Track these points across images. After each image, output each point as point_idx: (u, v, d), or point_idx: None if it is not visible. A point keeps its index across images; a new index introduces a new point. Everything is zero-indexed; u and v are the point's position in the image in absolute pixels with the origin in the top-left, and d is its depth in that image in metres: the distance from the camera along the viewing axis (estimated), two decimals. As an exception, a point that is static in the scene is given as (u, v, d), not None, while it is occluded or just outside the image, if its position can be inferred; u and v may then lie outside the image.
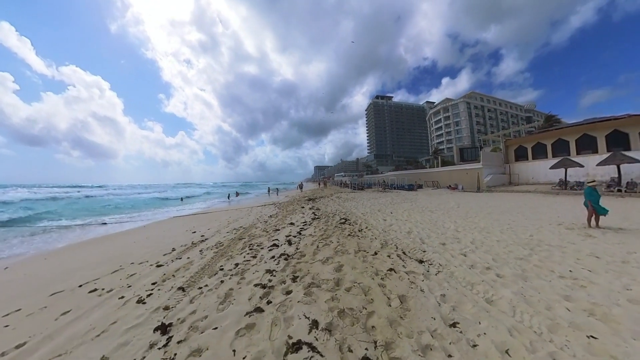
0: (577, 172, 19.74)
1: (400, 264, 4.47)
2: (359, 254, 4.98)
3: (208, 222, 11.55)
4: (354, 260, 4.63)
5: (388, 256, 4.86)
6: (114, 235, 11.01)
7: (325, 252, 5.09)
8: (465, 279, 3.73)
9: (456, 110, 75.31)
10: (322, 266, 4.35)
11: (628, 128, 18.68)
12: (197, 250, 6.27)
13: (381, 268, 4.23)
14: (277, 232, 7.57)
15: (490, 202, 13.93)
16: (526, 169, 26.58)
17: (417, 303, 3.11)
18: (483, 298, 3.16)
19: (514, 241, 5.67)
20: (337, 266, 4.30)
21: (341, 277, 3.86)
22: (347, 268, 4.24)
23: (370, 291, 3.43)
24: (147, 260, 5.98)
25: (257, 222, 9.79)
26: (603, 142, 20.07)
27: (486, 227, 7.30)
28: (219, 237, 7.56)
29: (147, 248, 7.44)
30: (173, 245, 7.24)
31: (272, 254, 5.19)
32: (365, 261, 4.57)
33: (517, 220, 8.11)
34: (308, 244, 5.77)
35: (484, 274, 3.87)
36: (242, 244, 6.37)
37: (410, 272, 4.10)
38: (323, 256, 4.84)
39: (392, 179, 35.61)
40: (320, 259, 4.67)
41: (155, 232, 10.78)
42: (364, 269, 4.21)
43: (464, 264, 4.37)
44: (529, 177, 26.10)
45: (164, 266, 5.31)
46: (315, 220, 8.90)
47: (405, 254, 5.04)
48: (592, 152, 20.54)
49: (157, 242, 8.28)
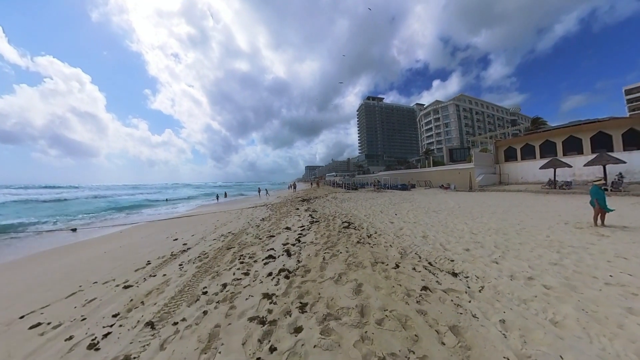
0: (564, 172, 20.19)
1: (432, 279, 3.66)
2: (378, 267, 4.11)
3: (193, 227, 10.37)
4: (374, 276, 3.75)
5: (413, 269, 4.03)
6: (84, 243, 9.65)
7: (335, 266, 4.18)
8: (514, 295, 3.14)
9: (446, 112, 76.37)
10: (335, 287, 3.44)
11: (611, 130, 19.25)
12: (176, 263, 5.19)
13: (411, 286, 3.39)
14: (271, 239, 6.59)
15: (488, 201, 13.64)
16: (515, 169, 27.06)
17: (476, 336, 2.35)
18: (547, 319, 2.63)
19: (536, 243, 5.31)
20: (355, 286, 3.40)
21: (365, 303, 2.97)
22: (369, 288, 3.35)
23: (409, 322, 2.58)
24: (114, 279, 4.87)
25: (247, 227, 8.74)
26: (588, 143, 20.64)
27: (499, 228, 6.85)
28: (203, 246, 6.49)
29: (117, 260, 6.27)
30: (149, 257, 6.12)
31: (268, 270, 4.22)
32: (388, 277, 3.71)
33: (525, 220, 7.78)
34: (311, 255, 4.84)
35: (530, 287, 3.37)
36: (231, 255, 5.34)
37: (449, 290, 3.32)
38: (334, 272, 3.93)
39: (386, 179, 35.15)
40: (330, 276, 3.75)
41: (131, 239, 9.51)
42: (390, 288, 3.35)
43: (502, 274, 3.78)
44: (518, 177, 26.61)
45: (133, 287, 4.23)
46: (314, 224, 7.96)
47: (432, 265, 4.26)
48: (577, 153, 21.12)
49: (130, 252, 7.10)
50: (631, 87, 62.11)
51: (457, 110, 74.69)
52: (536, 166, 22.48)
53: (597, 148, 19.42)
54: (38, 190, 57.99)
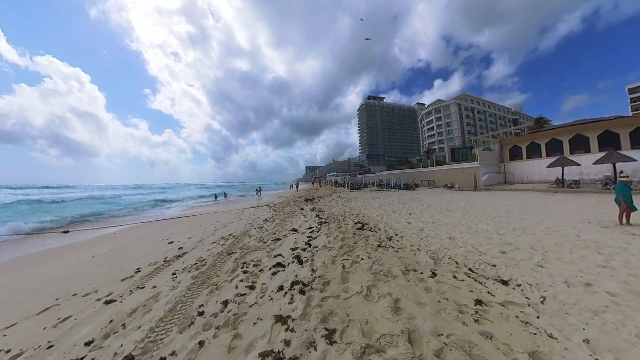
0: (571, 170, 19.73)
1: (481, 289, 3.01)
2: (411, 276, 3.41)
3: (190, 228, 9.65)
4: (411, 288, 3.05)
5: (454, 277, 3.35)
6: (73, 246, 8.92)
7: (359, 277, 3.47)
8: (581, 306, 2.67)
9: (447, 112, 75.68)
10: (366, 304, 2.73)
11: (618, 129, 18.95)
12: (169, 272, 4.48)
13: (461, 299, 2.73)
14: (277, 242, 5.88)
15: (498, 200, 13.01)
16: (521, 167, 26.56)
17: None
18: (634, 335, 2.20)
19: (570, 243, 4.87)
20: (391, 302, 2.70)
21: (411, 326, 2.27)
22: (410, 305, 2.66)
23: (476, 351, 1.93)
24: (96, 290, 4.17)
25: (250, 229, 8.02)
26: (595, 141, 20.29)
27: (524, 228, 6.33)
28: (201, 251, 5.77)
29: (104, 267, 5.56)
30: (139, 263, 5.41)
31: (278, 282, 3.51)
32: (428, 289, 3.02)
33: (545, 220, 7.26)
34: (328, 262, 4.12)
35: (593, 294, 2.94)
36: (232, 262, 4.62)
37: (508, 303, 2.70)
38: (359, 284, 3.22)
39: (389, 178, 34.46)
40: (357, 290, 3.04)
41: (123, 241, 8.78)
42: (436, 304, 2.67)
43: (555, 280, 3.28)
44: (523, 176, 26.15)
45: (115, 302, 3.52)
46: (323, 226, 7.24)
47: (473, 271, 3.59)
48: (584, 151, 20.71)
49: (120, 257, 6.39)
50: (635, 85, 61.55)
51: (459, 109, 74.05)
52: (542, 165, 22.14)
53: (604, 146, 19.19)
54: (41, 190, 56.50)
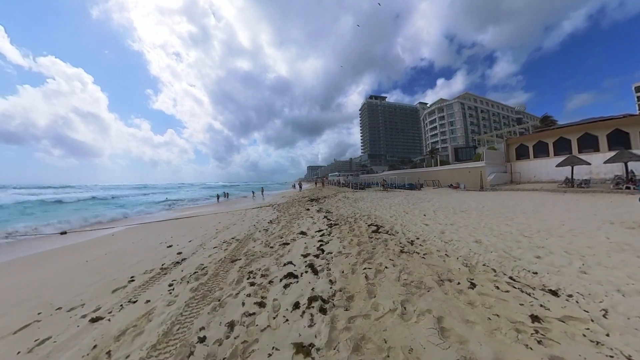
0: (580, 170, 19.29)
1: (531, 301, 2.54)
2: (447, 287, 2.90)
3: (191, 230, 9.15)
4: (452, 302, 2.53)
5: (496, 287, 2.86)
6: (69, 249, 8.46)
7: (388, 289, 2.93)
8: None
9: (451, 111, 74.85)
10: (405, 325, 2.21)
11: (629, 127, 18.60)
12: (165, 282, 3.96)
13: (513, 315, 2.27)
14: (286, 247, 5.35)
15: (508, 200, 12.44)
16: (528, 167, 25.98)
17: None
18: None
19: (605, 247, 4.46)
20: (434, 322, 2.17)
21: (467, 354, 1.79)
22: (457, 324, 2.15)
23: None
24: (83, 304, 3.67)
25: (254, 231, 7.50)
26: (604, 140, 19.86)
27: (548, 229, 5.91)
28: (202, 257, 5.25)
29: (96, 274, 5.07)
30: (134, 270, 4.91)
31: (292, 296, 2.98)
32: (471, 303, 2.52)
33: (566, 221, 6.81)
34: (347, 272, 3.59)
35: None
36: (236, 271, 4.09)
37: (567, 318, 2.27)
38: (390, 298, 2.69)
39: (393, 178, 33.89)
40: (389, 307, 2.52)
41: (120, 244, 8.31)
42: (486, 322, 2.19)
43: (609, 289, 2.88)
44: (530, 176, 25.60)
45: (103, 321, 3.02)
46: (333, 228, 6.71)
47: (515, 280, 3.10)
48: (593, 150, 20.30)
49: (115, 262, 5.90)
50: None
51: (462, 108, 73.23)
52: (549, 164, 21.75)
53: (614, 145, 18.80)
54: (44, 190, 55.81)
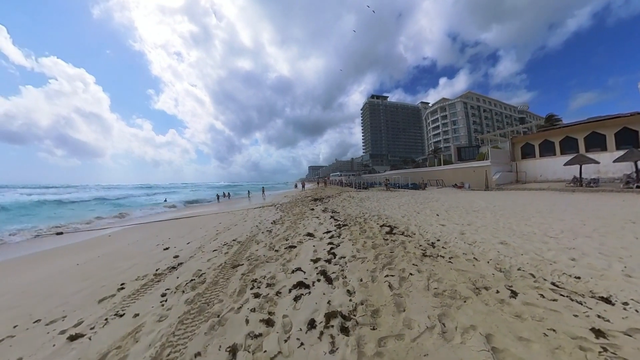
0: (588, 169, 18.91)
1: (587, 312, 2.09)
2: (486, 296, 2.46)
3: (190, 231, 8.70)
4: (496, 315, 2.08)
5: (541, 295, 2.52)
6: (62, 250, 8.03)
7: (418, 301, 2.45)
8: None
9: (453, 110, 74.22)
10: (449, 347, 1.74)
11: (637, 125, 18.21)
12: (158, 291, 3.50)
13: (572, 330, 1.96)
14: (292, 251, 4.88)
15: (518, 200, 11.99)
16: (534, 166, 25.44)
17: None
18: None
19: (638, 248, 4.08)
20: (482, 342, 1.70)
21: None
22: (510, 343, 1.73)
23: None
24: (65, 316, 3.22)
25: (257, 233, 7.03)
26: (612, 139, 19.47)
27: (572, 229, 5.56)
28: (200, 261, 4.78)
29: (85, 280, 4.62)
30: (125, 276, 4.46)
31: (306, 313, 2.50)
32: (519, 315, 2.13)
33: (586, 220, 6.46)
34: (366, 280, 3.10)
35: None
36: (238, 278, 3.60)
37: (634, 331, 1.89)
38: (423, 312, 2.20)
39: (396, 178, 33.36)
40: (425, 323, 2.04)
41: (116, 245, 7.86)
42: (543, 339, 1.81)
43: None
44: (536, 175, 25.00)
45: (83, 339, 2.56)
46: (343, 229, 6.22)
47: (558, 286, 2.75)
48: (601, 149, 19.93)
49: (107, 266, 5.45)
50: (648, 82, 59.68)
51: (465, 107, 72.61)
52: (556, 163, 21.49)
53: (622, 144, 18.40)
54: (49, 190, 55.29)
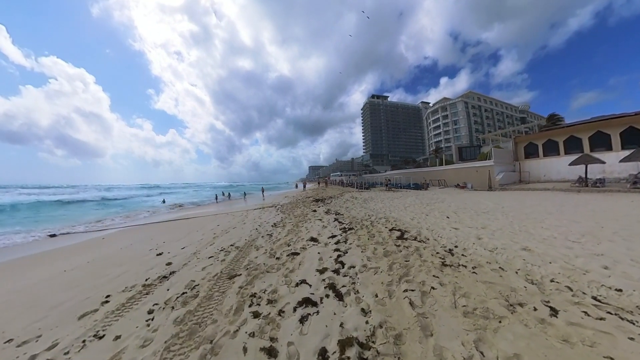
0: (592, 169, 18.57)
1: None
2: (523, 314, 2.04)
3: (187, 234, 8.27)
4: (541, 340, 1.74)
5: (585, 313, 2.04)
6: (51, 254, 7.60)
7: (446, 322, 2.03)
8: None
9: (454, 110, 73.77)
10: None
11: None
12: (145, 306, 3.07)
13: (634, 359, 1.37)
14: (295, 258, 4.45)
15: (526, 200, 11.58)
16: (537, 166, 25.05)
17: None
18: None
19: None
20: None
21: None
22: None
23: None
24: (39, 336, 2.81)
25: (257, 237, 6.61)
26: (617, 138, 19.12)
27: (592, 233, 5.25)
28: (194, 269, 4.35)
29: (67, 291, 4.20)
30: (112, 286, 4.04)
31: (315, 339, 2.07)
32: (568, 340, 1.80)
33: (603, 223, 6.13)
34: (382, 295, 2.67)
35: None
36: (235, 292, 3.16)
37: None
38: (455, 337, 1.79)
39: (398, 178, 32.97)
40: (460, 353, 1.63)
41: (108, 249, 7.44)
42: None
43: None
44: (540, 175, 24.58)
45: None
46: (349, 233, 5.79)
47: (601, 301, 2.38)
48: (606, 149, 19.61)
49: (95, 274, 5.03)
50: (650, 81, 59.22)
51: (466, 107, 72.17)
52: (560, 163, 21.24)
53: (627, 144, 18.07)
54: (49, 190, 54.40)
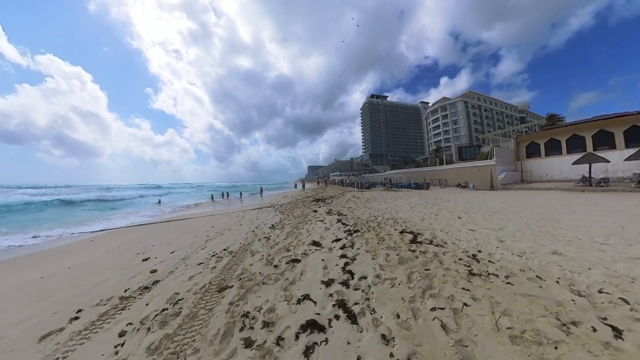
0: (595, 168, 18.48)
1: None
2: (579, 337, 1.53)
3: (178, 236, 7.72)
4: None
5: None
6: (30, 258, 7.05)
7: (492, 350, 1.54)
8: None
9: (454, 109, 73.53)
10: None
11: None
12: (118, 326, 2.54)
13: None
14: (295, 266, 3.92)
15: (531, 200, 11.16)
16: (539, 165, 24.72)
17: None
18: None
19: None
20: None
21: None
22: None
23: None
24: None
25: (253, 240, 6.06)
26: (621, 137, 18.87)
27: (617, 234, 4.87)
28: (180, 279, 3.80)
29: (36, 303, 3.66)
30: (86, 299, 3.50)
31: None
32: None
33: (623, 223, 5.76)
34: (405, 316, 2.16)
35: None
36: (224, 310, 2.62)
37: None
38: None
39: (399, 178, 32.53)
40: None
41: (92, 253, 6.88)
42: None
43: None
44: (542, 175, 24.25)
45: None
46: (355, 236, 5.26)
47: None
48: (609, 147, 19.30)
49: (71, 282, 4.48)
50: (650, 81, 59.20)
51: (466, 107, 71.97)
52: (563, 162, 21.02)
53: (631, 142, 17.78)
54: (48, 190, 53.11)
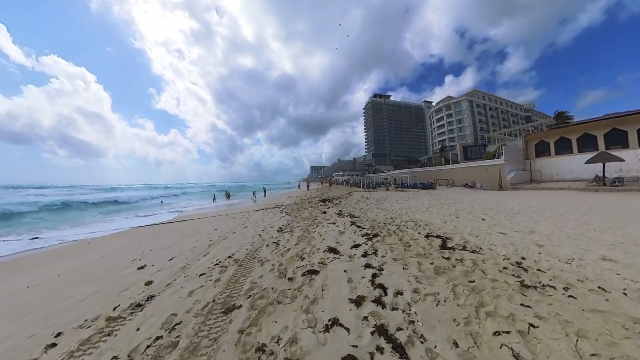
0: (608, 167, 17.82)
1: None
2: None
3: (178, 240, 7.21)
4: None
5: None
6: (23, 262, 6.60)
7: None
8: None
9: (459, 108, 72.61)
10: None
11: None
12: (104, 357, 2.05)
13: None
14: (313, 279, 3.38)
15: (547, 200, 10.64)
16: (549, 165, 24.00)
17: None
18: None
19: None
20: None
21: None
22: None
23: None
24: None
25: (260, 245, 5.52)
26: (634, 136, 18.49)
27: None
28: (178, 294, 3.26)
29: (14, 321, 3.16)
30: (70, 317, 2.99)
31: None
32: None
33: None
34: (464, 344, 1.61)
35: None
36: (232, 342, 2.06)
37: None
38: None
39: (404, 177, 31.94)
40: None
41: (87, 258, 6.38)
42: None
43: None
44: (552, 174, 23.53)
45: None
46: (375, 241, 4.70)
47: None
48: (622, 146, 18.89)
49: (57, 294, 3.98)
50: (660, 79, 57.91)
51: (471, 106, 71.07)
52: (574, 161, 20.60)
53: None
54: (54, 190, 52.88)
